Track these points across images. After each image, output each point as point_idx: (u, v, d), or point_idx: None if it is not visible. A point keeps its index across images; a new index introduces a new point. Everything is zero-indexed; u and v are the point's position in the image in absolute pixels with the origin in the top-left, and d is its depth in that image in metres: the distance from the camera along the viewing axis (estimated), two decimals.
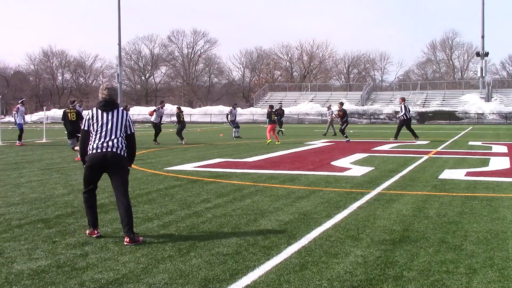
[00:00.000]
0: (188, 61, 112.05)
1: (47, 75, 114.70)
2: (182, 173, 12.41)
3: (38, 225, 6.94)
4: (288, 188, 10.08)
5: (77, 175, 11.96)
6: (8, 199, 8.94)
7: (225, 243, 6.00)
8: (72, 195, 9.30)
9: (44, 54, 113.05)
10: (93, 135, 6.31)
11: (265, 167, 13.53)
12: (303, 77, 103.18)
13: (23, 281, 4.71)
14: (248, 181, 10.93)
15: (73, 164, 14.58)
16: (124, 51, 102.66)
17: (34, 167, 13.75)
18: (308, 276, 4.85)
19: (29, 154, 17.95)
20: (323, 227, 6.77)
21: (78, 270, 5.02)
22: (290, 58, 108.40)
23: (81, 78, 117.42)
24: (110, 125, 6.31)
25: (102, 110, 6.38)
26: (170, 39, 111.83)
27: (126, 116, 6.48)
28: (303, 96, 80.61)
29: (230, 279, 4.76)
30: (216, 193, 9.46)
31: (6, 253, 5.59)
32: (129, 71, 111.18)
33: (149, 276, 4.84)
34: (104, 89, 6.45)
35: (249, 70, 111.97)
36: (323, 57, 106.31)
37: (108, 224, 6.94)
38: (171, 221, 7.14)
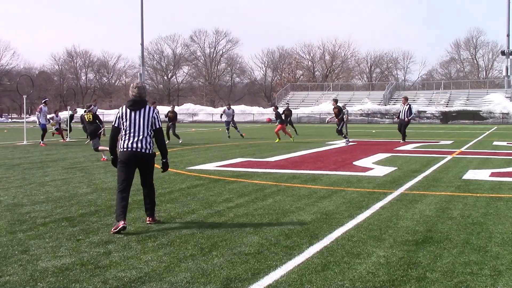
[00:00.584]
0: (210, 60, 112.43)
1: (71, 75, 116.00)
2: (204, 172, 12.45)
3: (62, 223, 7.02)
4: (310, 188, 10.05)
5: (100, 174, 12.08)
6: (33, 197, 9.06)
7: (247, 242, 6.01)
8: (95, 194, 9.39)
9: (68, 54, 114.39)
10: (123, 133, 6.78)
11: (287, 167, 13.51)
12: (325, 77, 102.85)
13: (48, 278, 4.77)
14: (270, 181, 10.93)
15: (96, 163, 14.72)
16: (147, 51, 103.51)
17: (58, 166, 13.91)
18: (330, 276, 4.83)
19: (53, 153, 18.17)
20: (345, 227, 6.74)
21: (102, 268, 5.06)
22: (312, 58, 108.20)
23: (104, 78, 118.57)
24: (138, 124, 6.73)
25: (130, 109, 6.76)
26: (192, 39, 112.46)
27: (153, 113, 6.82)
28: (325, 96, 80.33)
29: (252, 278, 4.77)
30: (238, 193, 9.47)
31: (31, 251, 5.67)
32: (151, 71, 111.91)
33: (171, 274, 4.86)
34: (135, 87, 6.83)
35: (271, 70, 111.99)
36: (345, 56, 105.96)
37: (131, 223, 6.99)
38: (193, 220, 7.17)
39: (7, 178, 11.56)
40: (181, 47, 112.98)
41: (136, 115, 6.74)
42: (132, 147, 6.70)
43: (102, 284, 4.60)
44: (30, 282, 4.67)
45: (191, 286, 4.58)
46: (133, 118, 6.73)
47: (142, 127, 6.73)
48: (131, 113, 6.75)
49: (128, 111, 6.76)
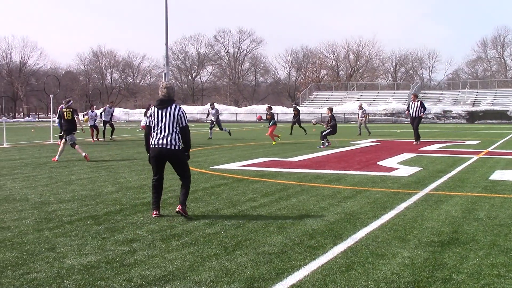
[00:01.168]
0: (234, 60, 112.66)
1: (97, 74, 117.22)
2: (228, 172, 12.48)
3: (88, 221, 7.10)
4: (334, 188, 10.01)
5: (125, 173, 12.18)
6: (59, 195, 9.17)
7: (271, 242, 6.00)
8: (120, 192, 9.47)
9: (94, 54, 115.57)
10: (153, 131, 7.29)
11: (310, 167, 13.48)
12: (350, 76, 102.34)
13: (74, 275, 4.83)
14: (294, 181, 10.91)
15: (121, 162, 14.85)
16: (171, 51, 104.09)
17: (84, 165, 14.07)
18: (354, 276, 4.80)
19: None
20: (370, 228, 6.70)
21: (126, 266, 5.11)
22: (336, 57, 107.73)
23: (129, 78, 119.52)
24: (164, 122, 7.19)
25: (158, 108, 7.26)
26: (216, 38, 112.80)
27: (179, 111, 7.25)
28: (349, 95, 79.97)
29: (276, 278, 4.77)
30: (261, 192, 9.47)
31: (58, 248, 5.74)
32: (176, 71, 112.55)
33: (195, 273, 4.89)
34: (164, 88, 7.31)
35: (295, 69, 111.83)
36: (369, 55, 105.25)
37: (155, 222, 7.04)
38: (217, 220, 7.19)
39: (34, 176, 11.73)
40: (205, 47, 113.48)
41: (163, 113, 7.21)
42: (159, 144, 7.19)
43: (127, 282, 4.64)
44: (56, 279, 4.73)
45: (215, 285, 4.59)
46: (160, 117, 7.21)
47: (168, 125, 7.18)
48: (158, 111, 7.24)
49: (156, 110, 7.25)
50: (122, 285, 4.58)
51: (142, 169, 13.00)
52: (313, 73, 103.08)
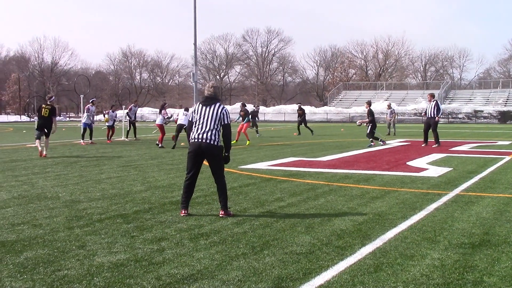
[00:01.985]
0: (262, 60, 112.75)
1: (126, 74, 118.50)
2: (256, 171, 12.49)
3: (117, 220, 7.17)
4: (362, 188, 9.95)
5: (154, 172, 12.28)
6: (89, 194, 9.29)
7: (299, 242, 5.99)
8: (149, 191, 9.55)
9: (123, 54, 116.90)
10: (194, 126, 7.46)
11: (339, 167, 13.41)
12: (378, 76, 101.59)
13: (104, 273, 4.89)
14: (322, 180, 10.87)
15: (150, 161, 14.98)
16: (200, 50, 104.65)
17: (114, 164, 14.23)
18: (382, 277, 4.76)
19: (108, 151, 18.60)
20: (399, 228, 6.63)
21: (155, 264, 5.15)
22: (365, 56, 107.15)
23: (158, 78, 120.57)
24: (206, 118, 7.38)
25: (202, 105, 7.49)
26: (244, 38, 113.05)
27: (222, 110, 7.44)
28: (378, 95, 79.36)
29: (304, 278, 4.75)
30: (289, 192, 9.46)
31: (88, 246, 5.82)
32: (204, 71, 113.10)
33: (223, 272, 4.90)
34: (211, 87, 7.59)
35: (323, 69, 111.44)
36: (399, 55, 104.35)
37: (183, 221, 7.09)
38: (245, 219, 7.20)
39: (65, 175, 11.90)
40: (233, 46, 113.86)
41: (207, 109, 7.41)
42: (198, 138, 7.36)
43: (156, 281, 4.68)
44: (87, 276, 4.79)
45: (242, 284, 4.60)
46: (203, 113, 7.41)
47: (210, 121, 7.35)
48: (202, 108, 7.45)
49: (201, 106, 7.49)
50: (151, 283, 4.62)
51: (170, 169, 13.10)
52: (342, 72, 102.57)
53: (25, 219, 7.24)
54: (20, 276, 4.81)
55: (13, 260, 5.29)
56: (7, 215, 7.47)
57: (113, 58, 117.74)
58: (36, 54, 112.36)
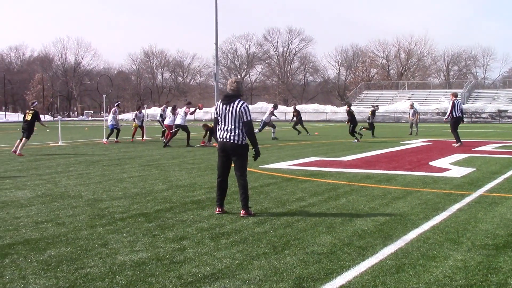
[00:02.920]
0: (283, 59, 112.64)
1: (148, 74, 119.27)
2: (277, 171, 12.48)
3: (139, 218, 7.22)
4: (384, 188, 9.88)
5: (175, 172, 12.34)
6: (111, 193, 9.37)
7: (320, 242, 5.98)
8: (170, 191, 9.60)
9: (145, 54, 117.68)
10: (219, 124, 7.53)
11: (360, 167, 13.34)
12: (400, 75, 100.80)
13: (126, 271, 4.92)
14: (343, 180, 10.83)
15: (171, 161, 15.05)
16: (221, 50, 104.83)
17: (135, 163, 14.33)
18: (404, 278, 4.73)
19: (130, 151, 18.73)
20: (421, 229, 6.58)
21: (176, 263, 5.17)
22: (386, 56, 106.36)
23: (179, 77, 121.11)
24: (228, 117, 7.40)
25: (222, 103, 7.47)
26: (265, 38, 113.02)
27: (241, 107, 7.36)
28: (400, 95, 78.75)
29: (325, 278, 4.74)
30: (310, 192, 9.44)
31: (110, 244, 5.87)
32: (225, 70, 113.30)
33: (244, 272, 4.91)
34: (234, 82, 7.56)
35: (345, 68, 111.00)
36: (421, 54, 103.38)
37: (204, 220, 7.11)
38: (266, 219, 7.20)
39: (87, 174, 12.02)
40: (254, 46, 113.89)
41: (227, 108, 7.40)
42: (223, 138, 7.46)
43: (177, 279, 4.70)
44: (109, 274, 4.84)
45: (263, 284, 4.60)
46: (224, 111, 7.43)
47: (231, 120, 7.39)
48: (223, 106, 7.45)
49: (221, 105, 7.48)
50: (172, 282, 4.65)
51: (192, 168, 13.15)
52: (363, 72, 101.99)
53: (48, 217, 7.33)
54: (44, 273, 4.88)
55: (37, 258, 5.36)
56: (31, 213, 7.57)
57: (135, 58, 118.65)
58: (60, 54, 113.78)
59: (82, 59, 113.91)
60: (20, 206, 8.18)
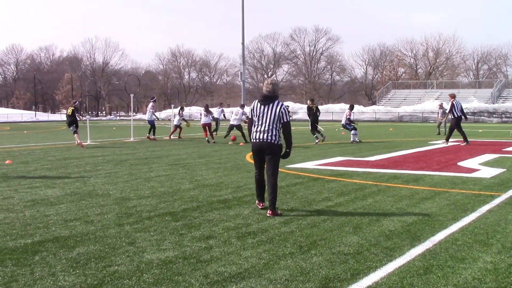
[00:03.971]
0: (310, 59, 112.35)
1: (175, 74, 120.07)
2: (304, 171, 12.45)
3: (166, 217, 7.27)
4: (411, 188, 9.79)
5: (202, 171, 12.40)
6: (139, 192, 9.45)
7: (346, 242, 5.94)
8: (197, 190, 9.64)
9: (172, 54, 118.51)
10: (254, 125, 7.62)
11: (387, 167, 13.24)
12: (428, 74, 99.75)
13: (153, 270, 4.96)
14: (370, 180, 10.75)
15: (198, 160, 15.12)
16: (247, 50, 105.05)
17: (162, 162, 14.43)
18: (432, 280, 4.68)
19: (157, 150, 18.87)
20: (449, 230, 6.50)
21: (203, 262, 5.20)
22: (414, 55, 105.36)
23: (206, 77, 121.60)
24: (265, 118, 7.50)
25: (261, 104, 7.58)
26: (292, 37, 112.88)
27: (281, 108, 7.50)
28: (428, 94, 77.91)
29: (351, 278, 4.71)
30: (337, 192, 9.39)
31: (137, 243, 5.92)
32: (252, 70, 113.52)
33: (270, 271, 4.90)
34: (270, 83, 7.65)
35: (372, 68, 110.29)
36: (450, 53, 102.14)
37: (231, 219, 7.12)
38: (292, 218, 7.19)
39: (115, 173, 12.14)
40: (281, 45, 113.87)
41: (265, 109, 7.52)
42: (259, 138, 7.56)
43: (204, 278, 4.72)
44: (136, 273, 4.88)
45: (290, 284, 4.60)
46: (262, 112, 7.53)
47: (269, 120, 7.48)
48: (261, 107, 7.56)
49: (259, 105, 7.58)
50: (199, 280, 4.67)
51: (218, 167, 13.19)
52: (391, 71, 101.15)
53: (77, 215, 7.43)
54: (73, 270, 4.94)
55: (66, 255, 5.44)
56: (61, 211, 7.68)
57: (162, 58, 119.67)
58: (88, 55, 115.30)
59: (110, 59, 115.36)
60: (49, 204, 8.31)
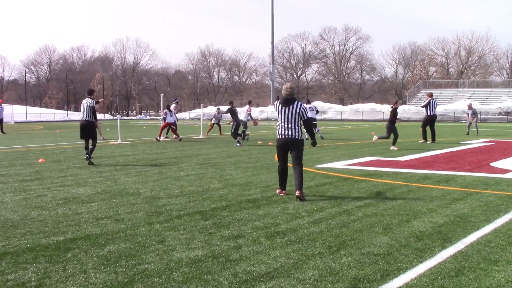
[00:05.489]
0: (340, 58, 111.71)
1: (204, 74, 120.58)
2: (333, 170, 12.39)
3: (195, 216, 7.31)
4: (443, 189, 9.66)
5: (231, 170, 12.43)
6: (169, 191, 9.53)
7: (376, 243, 5.90)
8: (226, 189, 9.67)
9: (202, 53, 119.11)
10: (278, 123, 8.89)
11: (418, 167, 13.09)
12: (460, 73, 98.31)
13: (182, 268, 4.99)
14: (400, 181, 10.65)
15: (227, 159, 15.17)
16: (277, 49, 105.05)
17: (192, 162, 14.51)
18: (464, 282, 4.61)
19: (187, 149, 18.98)
20: (482, 232, 6.40)
21: (232, 261, 5.21)
22: (446, 54, 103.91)
23: (235, 77, 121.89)
24: (288, 117, 8.74)
25: (283, 106, 8.80)
26: (321, 36, 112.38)
27: (300, 107, 8.76)
28: (459, 93, 76.81)
29: (381, 280, 4.67)
30: (367, 192, 9.33)
31: (167, 241, 5.97)
32: (281, 69, 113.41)
33: (300, 271, 4.89)
34: (289, 88, 8.84)
35: (402, 67, 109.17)
36: (482, 51, 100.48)
37: (260, 219, 7.13)
38: (321, 218, 7.16)
39: (145, 172, 12.26)
40: (310, 45, 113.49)
41: (287, 109, 8.75)
42: (285, 134, 8.79)
43: (233, 277, 4.73)
44: (166, 271, 4.92)
45: (319, 284, 4.58)
46: (284, 112, 8.77)
47: (291, 119, 8.73)
48: (283, 108, 8.78)
49: (281, 107, 8.82)
50: (228, 279, 4.68)
51: (247, 167, 13.21)
52: (421, 70, 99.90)
53: (108, 213, 7.52)
54: (104, 268, 5.00)
55: (97, 253, 5.51)
56: (92, 210, 7.78)
57: (192, 58, 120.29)
58: (119, 55, 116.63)
59: (140, 59, 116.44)
60: (81, 202, 8.43)
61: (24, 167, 13.27)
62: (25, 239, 6.12)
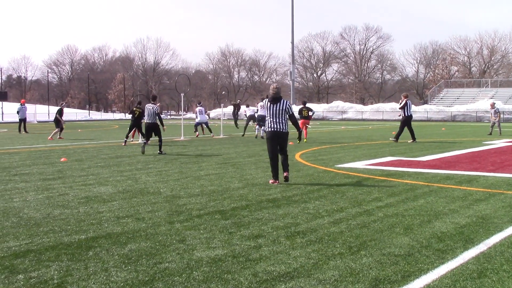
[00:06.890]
0: (360, 57, 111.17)
1: (224, 73, 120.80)
2: (353, 170, 12.34)
3: (216, 216, 7.33)
4: (465, 189, 9.56)
5: (251, 170, 12.44)
6: (189, 190, 9.56)
7: (397, 243, 5.86)
8: (246, 189, 9.68)
9: (222, 53, 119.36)
10: (267, 119, 10.26)
11: (440, 167, 12.97)
12: (483, 73, 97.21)
13: (202, 267, 5.01)
14: (422, 181, 10.56)
15: (247, 159, 15.18)
16: (297, 49, 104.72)
17: (212, 161, 14.55)
18: (487, 284, 4.55)
19: (207, 149, 19.04)
20: (505, 233, 6.32)
21: (252, 261, 5.21)
22: (468, 53, 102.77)
23: (255, 76, 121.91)
24: (276, 113, 10.14)
25: (271, 103, 10.20)
26: (342, 36, 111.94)
27: (286, 104, 10.22)
28: (482, 93, 75.91)
29: (402, 280, 4.64)
30: (387, 192, 9.27)
31: (187, 241, 5.99)
32: (301, 69, 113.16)
33: (320, 272, 4.88)
34: (275, 88, 10.31)
35: (424, 66, 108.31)
36: (505, 50, 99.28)
37: (280, 219, 7.12)
38: (342, 218, 7.14)
39: (166, 171, 12.32)
40: (330, 44, 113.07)
41: (275, 106, 10.16)
42: (273, 128, 10.16)
43: (252, 277, 4.74)
44: (186, 270, 4.94)
45: (339, 284, 4.56)
46: (272, 109, 10.16)
47: (279, 115, 10.15)
48: (271, 105, 10.19)
49: (269, 104, 10.22)
50: (248, 279, 4.68)
51: (267, 166, 13.19)
52: (443, 69, 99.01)
53: (129, 212, 7.57)
54: (125, 266, 5.04)
55: (119, 251, 5.55)
56: (113, 209, 7.84)
57: (212, 57, 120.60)
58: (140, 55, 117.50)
59: (161, 59, 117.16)
60: (102, 201, 8.50)
61: (46, 166, 13.42)
62: (48, 237, 6.19)
